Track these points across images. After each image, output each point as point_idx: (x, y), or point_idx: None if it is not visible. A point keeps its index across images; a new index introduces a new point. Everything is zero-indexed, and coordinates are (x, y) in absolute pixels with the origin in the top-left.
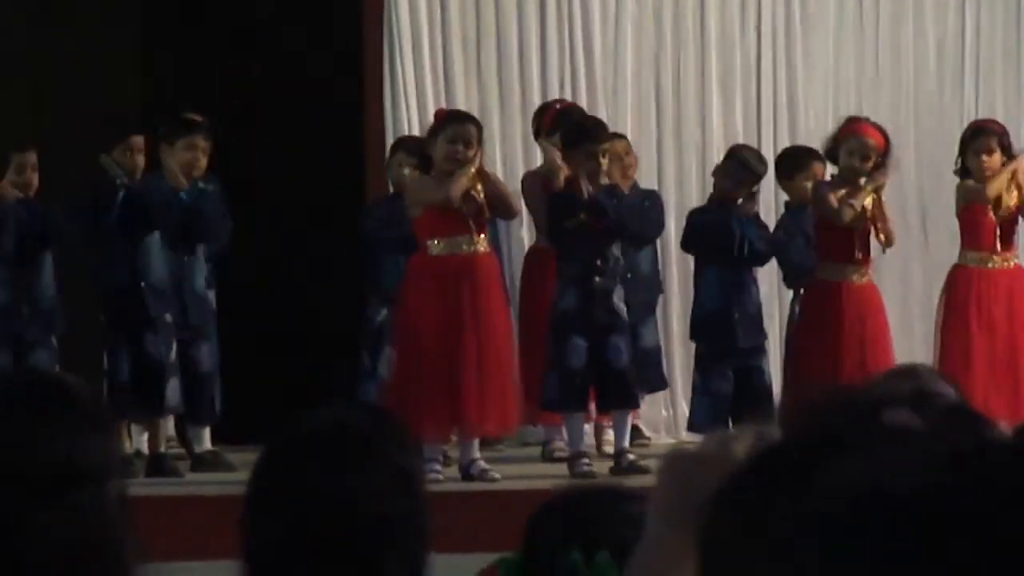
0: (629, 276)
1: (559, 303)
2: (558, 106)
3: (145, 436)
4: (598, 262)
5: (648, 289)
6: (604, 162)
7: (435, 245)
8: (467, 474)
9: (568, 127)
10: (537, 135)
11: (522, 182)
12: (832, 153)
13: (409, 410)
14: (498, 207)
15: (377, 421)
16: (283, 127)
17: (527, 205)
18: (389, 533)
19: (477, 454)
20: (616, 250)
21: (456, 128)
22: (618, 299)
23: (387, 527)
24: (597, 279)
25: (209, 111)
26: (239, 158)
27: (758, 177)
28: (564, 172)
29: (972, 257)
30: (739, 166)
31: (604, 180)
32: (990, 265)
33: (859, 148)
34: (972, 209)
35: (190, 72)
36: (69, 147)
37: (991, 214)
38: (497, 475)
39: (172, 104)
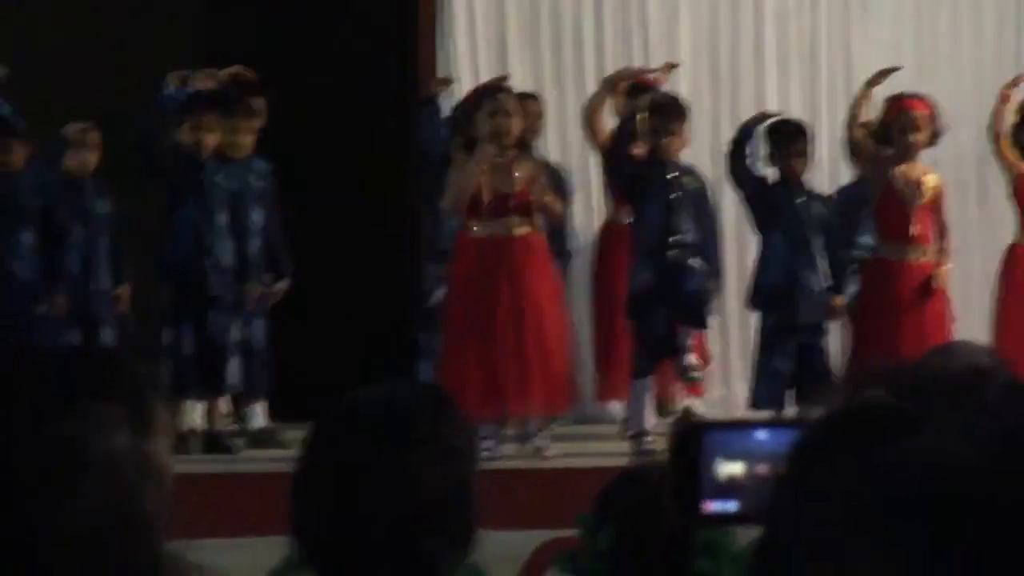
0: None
1: (635, 279)
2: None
3: (201, 413)
4: (671, 238)
5: None
6: (665, 140)
7: (476, 227)
8: (522, 451)
9: (656, 99)
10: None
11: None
12: (885, 135)
13: (455, 388)
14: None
15: (425, 397)
16: (335, 105)
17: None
18: (436, 509)
19: (533, 431)
20: (690, 226)
21: (491, 102)
22: (694, 263)
23: (434, 503)
24: (670, 254)
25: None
26: (290, 135)
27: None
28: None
29: None
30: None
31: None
32: None
33: (910, 122)
34: None
35: (241, 51)
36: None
37: None
38: (550, 453)
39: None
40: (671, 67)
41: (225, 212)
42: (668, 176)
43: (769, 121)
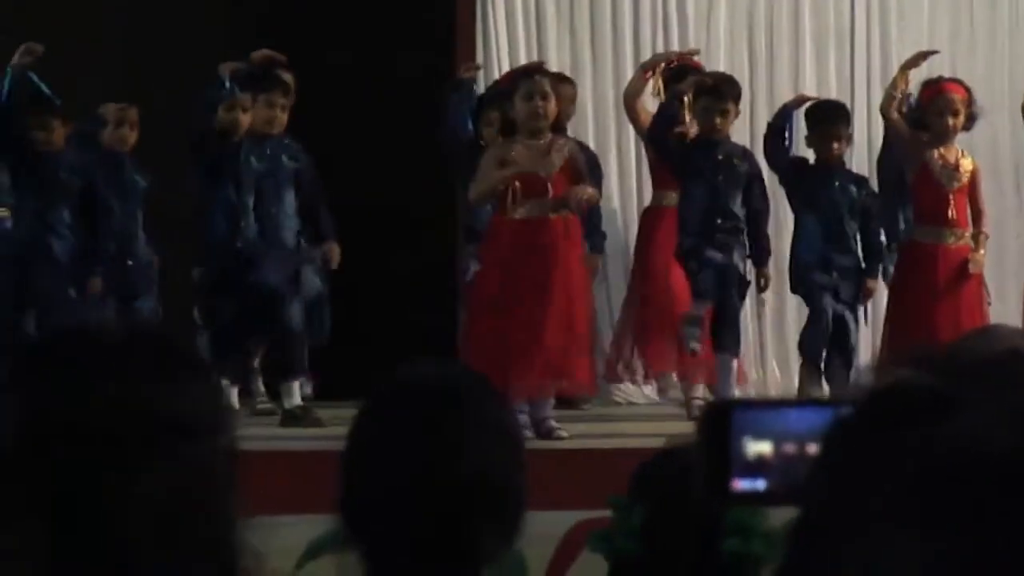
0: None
1: (683, 245)
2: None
3: (236, 391)
4: (718, 220)
5: None
6: (719, 120)
7: (517, 209)
8: (539, 432)
9: (702, 79)
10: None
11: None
12: (919, 119)
13: (479, 368)
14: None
15: (475, 377)
16: (373, 85)
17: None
18: (486, 489)
19: (549, 412)
20: (737, 209)
21: (529, 84)
22: (738, 257)
23: (484, 483)
24: (717, 236)
25: (299, 69)
26: (327, 115)
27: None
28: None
29: None
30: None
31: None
32: None
33: (947, 105)
34: None
35: (276, 34)
36: (161, 105)
37: None
38: (565, 434)
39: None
40: (692, 52)
41: (256, 193)
42: (718, 157)
43: (808, 104)
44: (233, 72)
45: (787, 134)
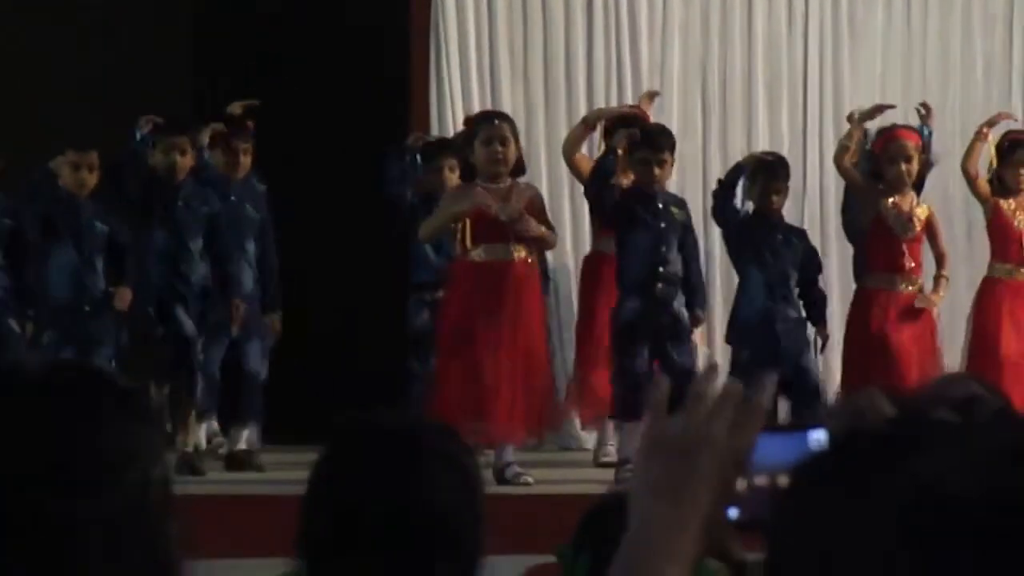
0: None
1: (621, 313)
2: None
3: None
4: (660, 269)
5: None
6: (658, 171)
7: (475, 252)
8: (501, 478)
9: (637, 131)
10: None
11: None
12: (875, 167)
13: (446, 412)
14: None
15: (437, 421)
16: (328, 132)
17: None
18: (447, 530)
19: (511, 457)
20: (676, 257)
21: (489, 129)
22: (679, 305)
23: (445, 524)
24: (659, 286)
25: (257, 113)
26: (284, 162)
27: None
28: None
29: (1000, 269)
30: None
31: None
32: (1018, 277)
33: (900, 152)
34: (999, 222)
35: (236, 82)
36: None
37: (1019, 226)
38: (531, 479)
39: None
40: (652, 96)
41: (211, 237)
42: (659, 205)
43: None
44: (152, 123)
45: (738, 190)
